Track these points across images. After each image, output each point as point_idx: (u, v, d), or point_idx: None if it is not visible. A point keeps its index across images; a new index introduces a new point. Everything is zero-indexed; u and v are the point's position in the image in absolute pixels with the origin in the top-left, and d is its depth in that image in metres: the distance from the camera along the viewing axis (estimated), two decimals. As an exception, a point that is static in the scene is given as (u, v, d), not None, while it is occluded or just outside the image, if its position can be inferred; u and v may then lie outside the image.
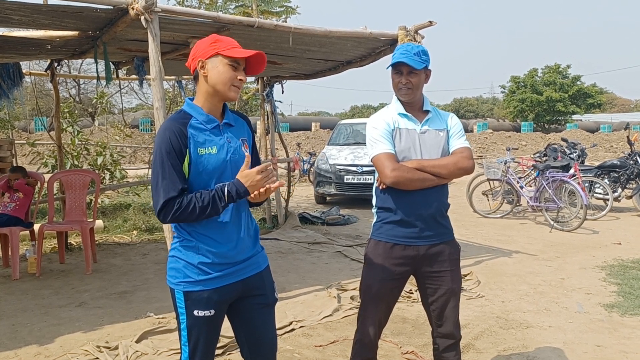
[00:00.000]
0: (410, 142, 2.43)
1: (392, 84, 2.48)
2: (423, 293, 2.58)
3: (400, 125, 2.45)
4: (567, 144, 10.47)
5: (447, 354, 2.56)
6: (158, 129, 1.99)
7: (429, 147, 2.45)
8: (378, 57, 5.87)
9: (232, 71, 1.92)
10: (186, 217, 1.87)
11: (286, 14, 12.55)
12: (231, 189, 1.87)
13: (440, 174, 2.41)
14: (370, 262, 2.53)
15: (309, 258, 6.06)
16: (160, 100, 3.88)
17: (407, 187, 2.38)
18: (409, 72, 2.40)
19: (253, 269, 2.06)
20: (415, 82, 2.41)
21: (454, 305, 2.53)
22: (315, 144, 24.19)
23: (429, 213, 2.44)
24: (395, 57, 2.40)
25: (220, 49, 1.92)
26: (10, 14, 4.03)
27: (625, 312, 4.17)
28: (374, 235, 2.54)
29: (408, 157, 2.42)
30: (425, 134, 2.46)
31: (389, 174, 2.35)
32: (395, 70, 2.43)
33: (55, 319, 4.07)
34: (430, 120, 2.49)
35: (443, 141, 2.48)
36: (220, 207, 1.87)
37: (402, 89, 2.43)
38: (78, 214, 5.87)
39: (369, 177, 9.65)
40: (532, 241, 6.96)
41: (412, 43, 2.42)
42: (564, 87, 40.15)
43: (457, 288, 2.54)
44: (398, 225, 2.44)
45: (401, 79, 2.41)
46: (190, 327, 1.97)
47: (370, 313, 2.53)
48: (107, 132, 14.28)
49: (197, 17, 4.24)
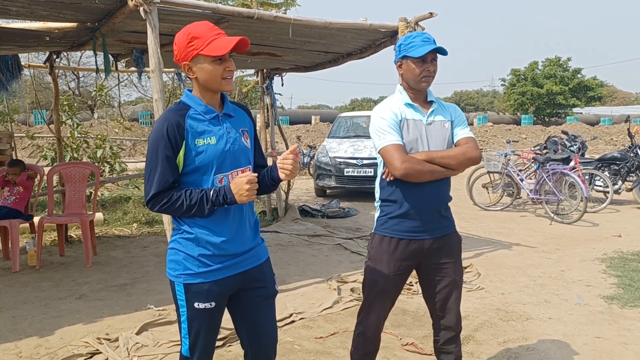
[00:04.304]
0: (418, 134, 2.40)
1: (407, 75, 2.40)
2: (426, 285, 2.56)
3: (407, 116, 2.41)
4: (568, 137, 10.44)
5: (448, 346, 2.56)
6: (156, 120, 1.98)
7: (435, 139, 2.42)
8: (378, 49, 5.84)
9: (219, 66, 1.87)
10: (172, 212, 1.90)
11: (286, 6, 12.49)
12: (219, 194, 1.87)
13: (450, 165, 2.37)
14: (374, 258, 2.49)
15: (309, 251, 6.06)
16: (159, 93, 3.86)
17: (417, 180, 2.34)
18: (432, 60, 2.37)
19: (253, 261, 2.05)
20: (436, 69, 2.40)
21: (457, 297, 2.52)
22: (315, 137, 24.15)
23: (434, 206, 2.42)
24: (422, 45, 2.33)
25: (200, 49, 1.84)
26: (8, 5, 4.00)
27: (625, 304, 4.18)
28: (378, 230, 2.50)
29: (415, 149, 2.39)
30: (431, 125, 2.42)
31: (398, 166, 2.30)
32: (420, 59, 2.35)
33: (56, 311, 4.08)
34: (436, 112, 2.46)
35: (448, 133, 2.46)
36: (205, 208, 1.87)
37: (427, 77, 2.37)
38: (78, 206, 5.86)
39: (368, 169, 9.64)
40: (532, 233, 6.96)
41: (420, 31, 2.40)
42: (565, 80, 40.03)
43: (459, 279, 2.54)
44: (403, 220, 2.41)
45: (427, 67, 2.35)
46: (190, 320, 1.97)
47: (375, 308, 2.51)
48: (106, 124, 14.26)
49: (197, 8, 4.21)
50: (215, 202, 1.87)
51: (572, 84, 40.00)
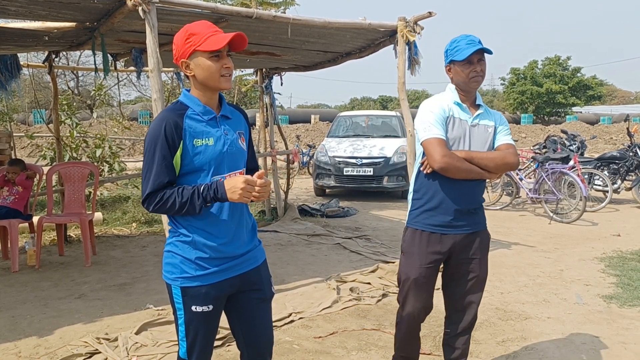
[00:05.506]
0: (461, 132, 2.49)
1: (457, 78, 2.50)
2: (450, 278, 2.65)
3: (455, 114, 2.51)
4: (567, 136, 10.45)
5: (457, 340, 2.67)
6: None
7: (477, 140, 2.51)
8: (377, 49, 5.83)
9: (216, 63, 1.86)
10: (166, 210, 1.87)
11: (285, 5, 12.49)
12: (210, 188, 1.84)
13: (488, 167, 2.46)
14: (407, 251, 2.60)
15: (308, 250, 6.06)
16: (158, 92, 3.85)
17: (453, 176, 2.43)
18: (479, 60, 2.46)
19: (251, 263, 2.05)
20: (485, 69, 2.49)
21: (479, 293, 2.62)
22: (314, 137, 24.16)
23: (467, 204, 2.51)
24: (466, 47, 2.42)
25: (197, 45, 1.84)
26: (6, 5, 4.00)
27: (624, 303, 4.18)
28: (411, 223, 2.60)
29: (456, 147, 2.48)
30: (475, 127, 2.52)
31: (438, 159, 2.39)
32: (466, 62, 2.44)
33: (55, 311, 4.08)
34: (482, 115, 2.56)
35: (490, 137, 2.55)
36: (197, 205, 1.84)
37: (476, 78, 2.47)
38: (77, 206, 5.86)
39: (368, 169, 9.65)
40: (531, 233, 6.96)
41: (465, 34, 2.48)
42: (564, 79, 40.02)
43: (484, 275, 2.62)
44: (436, 214, 2.50)
45: (475, 68, 2.45)
46: (188, 323, 1.96)
47: (409, 300, 2.61)
48: (105, 124, 14.26)
49: (195, 7, 4.20)
50: (206, 197, 1.83)
51: (571, 83, 39.98)
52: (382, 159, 9.67)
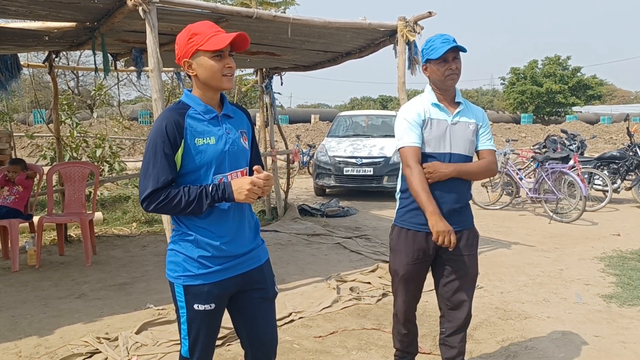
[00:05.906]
0: (441, 132, 2.53)
1: (433, 76, 2.54)
2: (439, 275, 2.68)
3: (432, 116, 2.54)
4: (567, 136, 10.45)
5: (453, 339, 2.65)
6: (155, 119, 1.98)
7: (457, 138, 2.54)
8: (377, 49, 5.84)
9: (218, 62, 1.86)
10: (169, 209, 1.85)
11: (285, 5, 12.50)
12: (219, 188, 1.85)
13: (469, 177, 2.58)
14: (394, 249, 2.67)
15: (309, 250, 6.07)
16: (158, 92, 3.86)
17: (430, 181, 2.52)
18: (454, 58, 2.48)
19: (253, 262, 2.05)
20: (460, 67, 2.51)
21: (469, 290, 2.63)
22: (314, 136, 24.15)
23: (452, 202, 2.54)
24: (440, 46, 2.45)
25: (199, 44, 1.85)
26: (6, 5, 4.00)
27: (624, 303, 4.19)
28: (397, 222, 2.66)
29: (437, 148, 2.52)
30: (456, 126, 2.55)
31: (412, 166, 2.50)
32: (441, 60, 2.47)
33: (55, 310, 4.08)
34: (462, 113, 2.58)
35: (472, 134, 2.58)
36: (204, 204, 1.84)
37: (452, 76, 2.49)
38: (77, 206, 5.86)
39: (368, 169, 9.66)
40: (531, 232, 6.97)
41: (440, 34, 2.52)
42: (564, 78, 40.02)
43: (473, 273, 2.64)
44: (421, 213, 2.52)
45: (450, 66, 2.47)
46: (190, 321, 1.96)
47: (400, 294, 2.70)
48: (105, 124, 14.26)
49: (195, 7, 4.21)
50: (215, 197, 1.84)
51: (571, 82, 39.99)
52: (382, 159, 9.68)
